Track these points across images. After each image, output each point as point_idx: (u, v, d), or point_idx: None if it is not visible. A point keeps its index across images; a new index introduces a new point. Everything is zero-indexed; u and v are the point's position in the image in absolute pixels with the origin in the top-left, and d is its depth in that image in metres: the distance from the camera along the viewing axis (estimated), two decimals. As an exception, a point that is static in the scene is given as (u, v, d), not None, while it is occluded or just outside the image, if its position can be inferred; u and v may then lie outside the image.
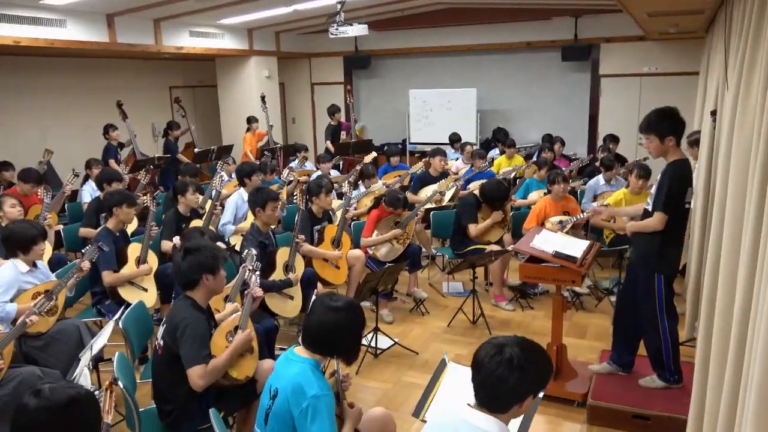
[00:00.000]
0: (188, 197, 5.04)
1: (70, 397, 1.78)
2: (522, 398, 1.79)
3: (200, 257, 2.85)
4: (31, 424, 1.73)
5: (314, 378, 2.25)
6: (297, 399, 2.20)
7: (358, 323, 2.39)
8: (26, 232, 3.64)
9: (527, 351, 1.78)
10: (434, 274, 6.30)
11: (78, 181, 6.28)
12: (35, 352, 3.46)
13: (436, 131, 10.29)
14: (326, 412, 2.20)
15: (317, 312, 2.34)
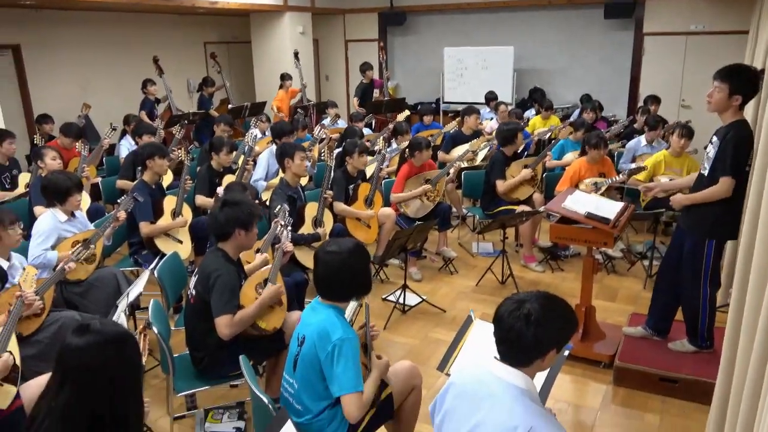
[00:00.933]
0: (222, 156, 5.09)
1: (119, 333, 1.82)
2: (543, 352, 1.78)
3: (237, 211, 2.90)
4: (79, 356, 1.74)
5: (339, 323, 2.30)
6: (323, 343, 2.26)
7: (357, 262, 2.41)
8: (62, 183, 3.74)
9: (547, 306, 1.77)
10: (464, 234, 6.28)
11: (116, 135, 6.39)
12: (75, 298, 3.60)
13: (471, 90, 10.11)
14: (351, 354, 2.25)
15: (318, 263, 2.40)
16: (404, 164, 5.37)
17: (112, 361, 1.77)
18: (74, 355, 1.75)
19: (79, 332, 1.78)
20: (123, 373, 1.79)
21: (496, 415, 1.75)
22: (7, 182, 5.36)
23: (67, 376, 1.75)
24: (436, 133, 7.08)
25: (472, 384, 1.88)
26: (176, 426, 3.21)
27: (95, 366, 1.74)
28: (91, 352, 1.74)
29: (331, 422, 2.34)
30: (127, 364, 1.82)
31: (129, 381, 1.83)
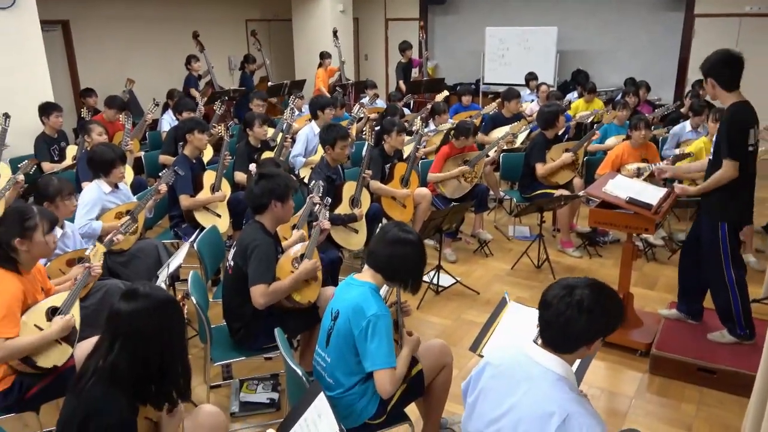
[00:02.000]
0: (255, 130, 5.14)
1: (166, 297, 1.90)
2: (591, 340, 1.76)
3: (272, 183, 2.95)
4: (128, 319, 1.82)
5: (373, 300, 2.32)
6: (357, 319, 2.28)
7: (423, 255, 2.45)
8: (106, 155, 3.85)
9: (598, 293, 1.74)
10: (501, 217, 6.23)
11: (158, 110, 6.51)
12: (118, 267, 3.71)
13: (512, 71, 9.94)
14: (384, 330, 2.27)
15: (388, 240, 2.38)
16: (445, 145, 5.34)
17: (160, 324, 1.86)
18: (124, 319, 1.83)
19: (128, 297, 1.86)
20: (170, 335, 1.88)
21: (533, 399, 1.74)
22: (56, 154, 5.53)
23: (116, 338, 1.83)
24: (474, 115, 7.00)
25: (509, 366, 1.87)
26: (212, 394, 3.30)
27: (144, 329, 1.83)
28: (140, 316, 1.83)
29: (362, 397, 2.37)
30: (174, 327, 1.91)
31: (176, 342, 1.91)
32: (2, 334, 2.42)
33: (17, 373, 2.55)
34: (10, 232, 2.53)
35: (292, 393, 2.54)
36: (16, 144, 5.34)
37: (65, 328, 2.60)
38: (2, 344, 2.42)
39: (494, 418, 1.82)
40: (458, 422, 2.80)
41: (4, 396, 2.54)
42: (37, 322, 2.59)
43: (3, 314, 2.44)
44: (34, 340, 2.51)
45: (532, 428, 1.70)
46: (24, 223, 2.56)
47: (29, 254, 2.60)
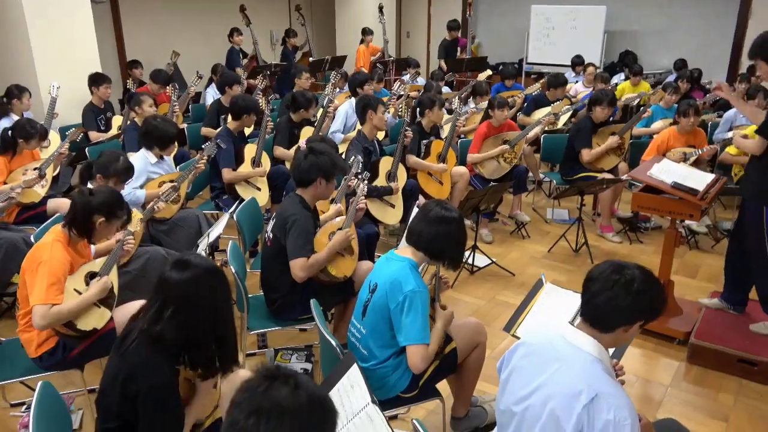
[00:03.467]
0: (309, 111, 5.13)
1: (214, 266, 1.96)
2: (631, 322, 1.74)
3: (321, 161, 2.97)
4: (179, 286, 1.88)
5: (412, 276, 2.32)
6: (394, 293, 2.30)
7: (465, 234, 2.45)
8: (168, 130, 3.95)
9: (647, 277, 1.74)
10: (539, 199, 6.14)
11: (201, 83, 6.60)
12: (160, 235, 3.81)
13: (557, 51, 9.72)
14: (420, 306, 2.28)
15: (430, 218, 2.37)
16: (482, 123, 5.27)
17: (208, 293, 1.91)
18: (174, 287, 1.89)
19: (178, 266, 1.91)
20: (217, 303, 1.94)
21: (562, 377, 1.73)
22: (102, 124, 5.67)
23: (165, 305, 1.89)
24: (517, 94, 6.87)
25: (541, 345, 1.87)
26: (248, 362, 3.38)
27: (193, 296, 1.89)
28: (190, 284, 1.89)
29: (395, 370, 2.39)
30: (221, 296, 1.96)
31: (223, 310, 1.97)
32: (49, 300, 2.51)
33: (60, 335, 2.65)
34: (101, 207, 2.65)
35: (326, 364, 2.58)
36: (65, 113, 5.49)
37: (102, 290, 2.67)
38: (48, 311, 2.51)
39: (524, 396, 1.82)
40: (489, 401, 2.82)
41: (49, 355, 2.65)
42: (76, 286, 2.66)
43: (51, 282, 2.53)
44: (76, 305, 2.59)
45: (560, 406, 1.69)
46: (114, 210, 2.70)
47: (95, 234, 2.72)
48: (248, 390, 1.18)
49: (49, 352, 2.64)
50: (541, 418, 1.73)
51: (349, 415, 1.98)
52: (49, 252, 2.59)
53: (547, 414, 1.71)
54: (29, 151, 4.34)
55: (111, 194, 2.75)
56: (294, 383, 1.18)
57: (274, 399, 1.14)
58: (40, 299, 2.50)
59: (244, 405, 1.16)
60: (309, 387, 1.21)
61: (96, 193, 2.70)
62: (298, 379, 1.20)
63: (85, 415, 2.94)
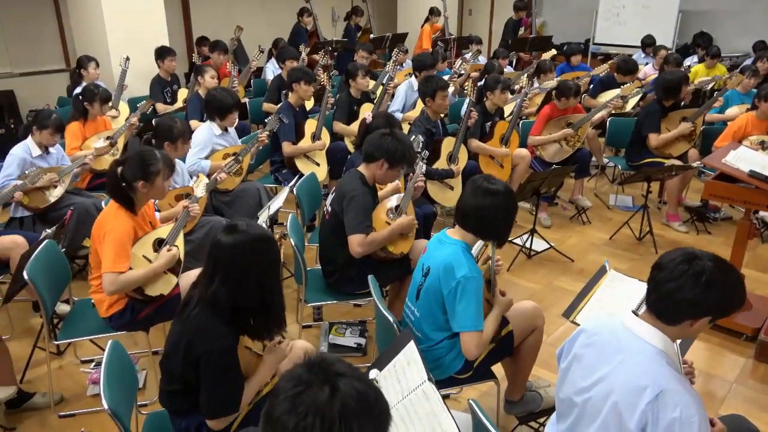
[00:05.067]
0: (358, 81, 5.14)
1: (263, 234, 1.98)
2: (697, 317, 1.64)
3: (393, 145, 2.93)
4: (228, 252, 1.92)
5: (465, 260, 2.27)
6: (447, 278, 2.25)
7: (512, 208, 2.35)
8: (225, 100, 4.01)
9: (721, 271, 1.61)
10: (602, 184, 5.96)
11: (263, 57, 6.67)
12: (222, 206, 3.90)
13: (627, 32, 9.33)
14: (474, 292, 2.24)
15: (473, 193, 2.31)
16: (546, 105, 5.13)
17: (257, 258, 1.94)
18: (224, 251, 1.93)
19: (228, 231, 1.95)
20: (265, 268, 1.96)
21: (626, 371, 1.66)
22: (168, 96, 5.83)
23: (216, 270, 1.93)
24: (582, 76, 6.65)
25: (604, 335, 1.80)
26: (304, 333, 3.44)
27: (242, 261, 1.91)
28: (238, 248, 1.92)
29: (449, 351, 2.37)
30: (269, 261, 1.98)
31: (271, 277, 1.99)
32: (116, 269, 2.61)
33: (129, 298, 2.76)
34: (134, 174, 2.68)
35: (381, 339, 2.59)
36: (134, 86, 5.66)
37: (171, 260, 2.77)
38: (116, 279, 2.61)
39: (585, 387, 1.77)
40: (544, 386, 2.77)
41: (118, 317, 2.78)
42: (145, 253, 2.77)
43: (117, 251, 2.62)
44: (145, 273, 2.68)
45: (622, 401, 1.63)
46: (149, 168, 2.70)
47: (146, 196, 2.77)
48: (291, 380, 1.11)
49: (118, 313, 2.75)
50: (603, 412, 1.68)
51: (405, 392, 1.98)
52: (113, 220, 2.68)
53: (609, 408, 1.66)
54: (102, 119, 4.53)
55: (139, 156, 2.74)
56: (333, 386, 1.08)
57: (312, 399, 1.06)
58: (108, 268, 2.61)
59: (282, 398, 1.09)
60: (351, 387, 1.09)
61: (125, 163, 2.71)
62: (338, 382, 1.08)
63: (149, 376, 3.07)
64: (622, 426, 1.62)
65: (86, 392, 3.01)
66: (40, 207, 3.70)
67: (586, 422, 1.74)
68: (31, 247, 2.93)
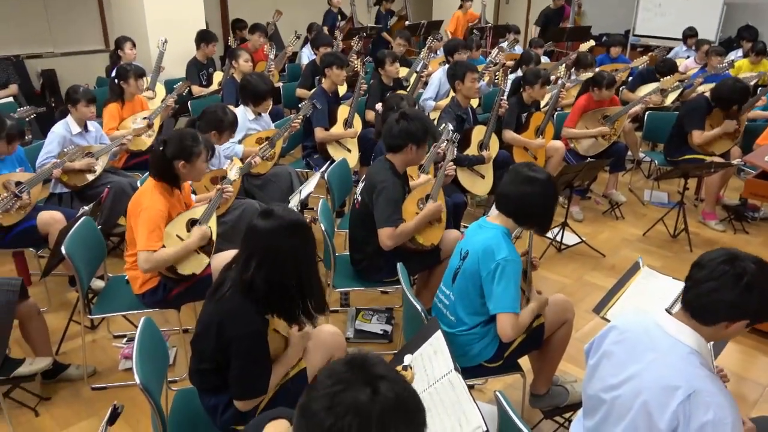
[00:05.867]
0: (387, 68, 5.11)
1: (298, 219, 1.99)
2: (734, 319, 1.60)
3: (412, 126, 2.92)
4: (264, 237, 1.93)
5: (504, 243, 2.27)
6: (486, 260, 2.26)
7: (553, 196, 2.35)
8: (260, 86, 4.04)
9: (763, 273, 1.56)
10: (637, 179, 5.84)
11: (299, 42, 6.68)
12: (254, 189, 3.94)
13: (668, 23, 9.07)
14: (512, 275, 2.24)
15: (515, 179, 2.31)
16: (582, 96, 5.03)
17: (292, 243, 1.94)
18: (260, 236, 1.94)
19: (265, 216, 1.96)
20: (302, 254, 1.96)
21: (658, 370, 1.63)
22: (204, 79, 5.89)
23: (252, 255, 1.95)
24: (621, 68, 6.50)
25: (635, 332, 1.76)
26: (331, 318, 3.47)
27: (278, 246, 1.92)
28: (274, 233, 1.92)
29: (482, 339, 2.37)
30: (305, 247, 1.98)
31: (307, 262, 1.99)
32: (150, 247, 2.67)
33: (162, 276, 2.81)
34: (175, 154, 2.74)
35: (408, 328, 2.60)
36: (170, 68, 5.74)
37: (202, 238, 2.81)
38: (150, 256, 2.67)
39: (614, 385, 1.75)
40: (570, 381, 2.75)
41: (151, 294, 2.84)
42: (179, 232, 2.82)
43: (151, 229, 2.68)
44: (177, 251, 2.73)
45: (652, 400, 1.61)
46: (190, 149, 2.76)
47: (185, 176, 2.83)
48: (331, 377, 1.09)
49: (151, 290, 2.81)
50: (632, 410, 1.65)
51: (430, 380, 1.98)
52: (149, 199, 2.73)
53: (639, 406, 1.63)
54: (139, 100, 4.61)
55: (180, 138, 2.78)
56: (374, 388, 1.05)
57: (351, 400, 1.04)
58: (142, 246, 2.66)
59: (320, 393, 1.07)
60: (392, 390, 1.06)
61: (167, 143, 2.76)
62: (379, 385, 1.06)
63: (179, 353, 3.13)
64: (652, 425, 1.60)
65: (118, 366, 3.09)
66: (78, 185, 3.78)
67: (614, 420, 1.72)
68: (69, 223, 3.01)
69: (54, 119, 4.11)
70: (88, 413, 2.78)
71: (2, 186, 3.30)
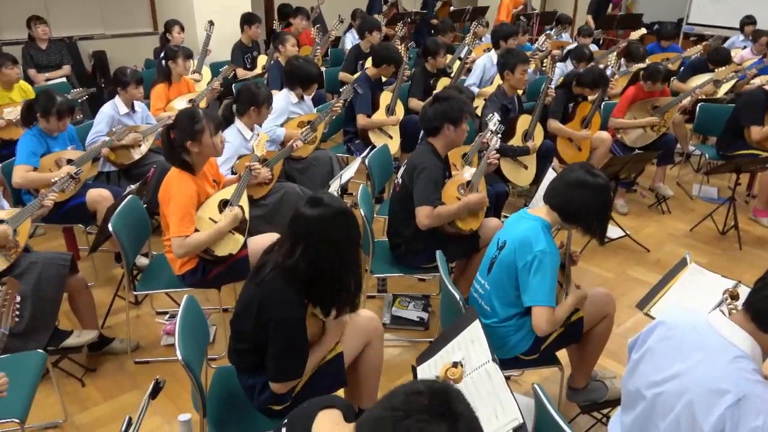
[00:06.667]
0: (438, 60, 5.04)
1: (344, 208, 1.99)
2: None
3: (446, 106, 2.91)
4: (311, 224, 1.94)
5: (543, 236, 2.23)
6: (523, 252, 2.22)
7: (606, 203, 2.28)
8: (310, 71, 4.05)
9: None
10: (685, 173, 5.66)
11: (342, 27, 6.67)
12: (295, 173, 3.97)
13: (725, 12, 8.70)
14: (549, 268, 2.20)
15: (571, 180, 2.24)
16: (632, 86, 4.88)
17: (338, 232, 1.95)
18: (307, 223, 1.95)
19: (312, 204, 1.96)
20: (346, 243, 1.97)
21: (706, 371, 1.57)
22: (248, 62, 5.94)
23: (298, 241, 1.96)
24: (673, 58, 6.29)
25: (684, 330, 1.70)
26: (368, 303, 3.48)
27: (324, 234, 1.93)
28: (321, 221, 1.93)
29: (517, 331, 2.34)
30: (350, 235, 1.99)
31: (351, 251, 2.00)
32: (182, 233, 2.69)
33: (200, 258, 2.85)
34: (183, 136, 2.72)
35: (445, 315, 2.59)
36: (215, 51, 5.81)
37: (234, 219, 2.82)
38: (183, 242, 2.70)
39: (657, 381, 1.70)
40: (610, 377, 2.70)
41: (190, 275, 2.88)
42: (211, 215, 2.84)
43: (181, 215, 2.69)
44: (211, 234, 2.75)
45: (698, 401, 1.55)
46: (193, 126, 2.72)
47: (200, 155, 2.79)
48: (409, 402, 1.06)
49: (190, 272, 2.86)
50: (675, 409, 1.60)
51: (467, 370, 1.97)
52: (177, 185, 2.73)
53: (683, 406, 1.58)
54: (186, 82, 4.69)
55: (183, 117, 2.76)
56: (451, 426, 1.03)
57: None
58: (174, 232, 2.69)
59: (394, 415, 1.05)
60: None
61: (172, 128, 2.75)
62: (457, 424, 1.04)
63: (218, 332, 3.20)
64: (695, 426, 1.55)
65: (160, 342, 3.17)
66: (125, 163, 3.88)
67: (655, 418, 1.68)
68: (117, 201, 3.08)
69: (103, 99, 4.21)
70: (130, 386, 2.86)
71: (54, 163, 3.41)
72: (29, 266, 2.68)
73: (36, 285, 2.64)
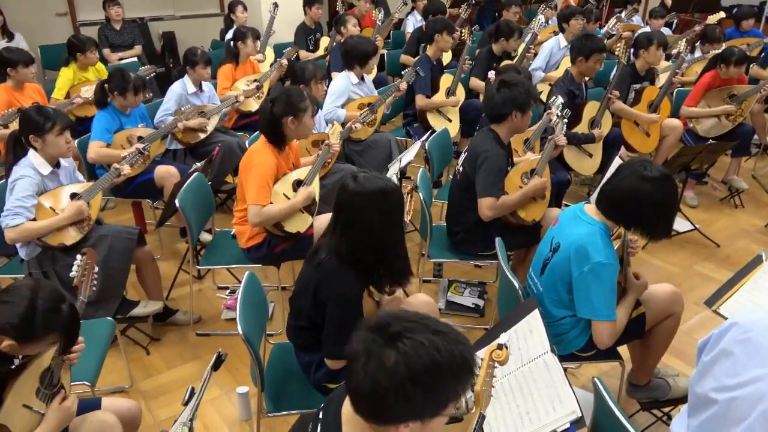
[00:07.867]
0: (511, 42, 4.90)
1: (380, 187, 1.96)
2: None
3: (514, 92, 2.82)
4: (347, 202, 1.97)
5: (602, 244, 2.09)
6: (580, 261, 2.10)
7: (671, 200, 2.11)
8: (365, 47, 4.04)
9: None
10: (762, 165, 5.35)
11: (405, 9, 6.61)
12: (354, 155, 3.99)
13: (814, -6, 8.15)
14: (608, 280, 2.09)
15: (626, 177, 2.08)
16: (707, 73, 4.64)
17: (376, 207, 1.94)
18: (347, 196, 1.97)
19: (354, 178, 1.98)
20: (384, 220, 1.96)
21: None
22: (311, 43, 5.98)
23: (339, 218, 1.99)
24: (753, 43, 5.93)
25: (762, 332, 1.60)
26: (423, 287, 3.48)
27: (362, 208, 1.94)
28: (360, 196, 1.93)
29: (572, 329, 2.28)
30: (388, 213, 1.97)
31: (389, 228, 1.98)
32: (259, 201, 2.79)
33: (268, 233, 2.93)
34: (284, 111, 2.82)
35: (502, 304, 2.55)
36: (279, 32, 5.87)
37: (307, 198, 2.91)
38: (260, 211, 2.80)
39: (730, 386, 1.61)
40: (673, 375, 2.60)
41: (256, 249, 2.97)
42: (285, 191, 2.93)
43: (261, 185, 2.79)
44: (284, 208, 2.86)
45: None
46: (297, 105, 2.84)
47: (294, 133, 2.90)
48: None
49: (256, 246, 2.94)
50: (749, 417, 1.52)
51: (524, 359, 1.94)
52: (259, 156, 2.85)
53: (759, 414, 1.49)
54: (251, 63, 4.77)
55: (287, 95, 2.86)
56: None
57: None
58: (252, 200, 2.79)
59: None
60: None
61: (275, 101, 2.84)
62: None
63: (276, 308, 3.27)
64: None
65: (221, 316, 3.27)
66: (191, 142, 3.99)
67: (727, 424, 1.59)
68: (183, 177, 3.18)
69: (171, 79, 4.33)
70: (192, 356, 2.97)
71: (126, 139, 3.54)
72: (99, 238, 2.81)
73: (106, 257, 2.76)
